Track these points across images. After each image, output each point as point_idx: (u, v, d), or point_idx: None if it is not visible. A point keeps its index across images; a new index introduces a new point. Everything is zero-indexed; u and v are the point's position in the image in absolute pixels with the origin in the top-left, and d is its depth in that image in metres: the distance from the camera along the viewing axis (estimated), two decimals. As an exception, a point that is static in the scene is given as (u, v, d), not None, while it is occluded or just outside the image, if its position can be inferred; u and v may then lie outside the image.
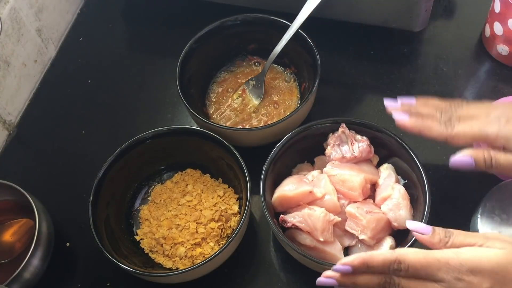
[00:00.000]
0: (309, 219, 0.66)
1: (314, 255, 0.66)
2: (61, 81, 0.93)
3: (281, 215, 0.69)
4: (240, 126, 0.82)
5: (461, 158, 0.63)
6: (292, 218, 0.68)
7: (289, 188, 0.69)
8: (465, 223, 0.73)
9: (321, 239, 0.66)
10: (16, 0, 0.84)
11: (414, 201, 0.69)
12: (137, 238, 0.74)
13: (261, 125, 0.80)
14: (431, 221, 0.73)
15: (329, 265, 0.63)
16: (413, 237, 0.63)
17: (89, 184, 0.71)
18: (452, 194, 0.76)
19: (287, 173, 0.75)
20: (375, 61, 0.90)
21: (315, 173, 0.72)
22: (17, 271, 0.65)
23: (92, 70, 0.94)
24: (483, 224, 0.69)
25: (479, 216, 0.70)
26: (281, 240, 0.66)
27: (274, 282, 0.72)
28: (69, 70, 0.95)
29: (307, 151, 0.75)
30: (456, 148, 0.80)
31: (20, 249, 0.72)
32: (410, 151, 0.69)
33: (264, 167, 0.69)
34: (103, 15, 1.01)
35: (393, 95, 0.86)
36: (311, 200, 0.69)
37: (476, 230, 0.69)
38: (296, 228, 0.68)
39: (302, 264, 0.68)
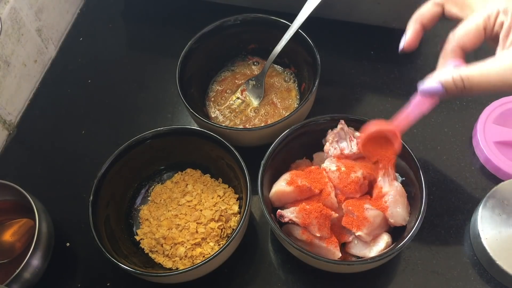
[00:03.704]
0: (306, 214, 0.66)
1: (310, 250, 0.66)
2: (61, 81, 0.94)
3: (278, 210, 0.69)
4: (240, 126, 0.82)
5: (430, 86, 0.57)
6: (289, 213, 0.68)
7: (286, 183, 0.69)
8: (465, 223, 0.74)
9: (318, 235, 0.66)
10: (16, 0, 0.84)
11: (411, 199, 0.69)
12: (137, 238, 0.74)
13: (261, 125, 0.80)
14: (431, 221, 0.74)
15: (325, 260, 0.63)
16: (409, 234, 0.63)
17: (89, 184, 0.71)
18: (452, 194, 0.76)
19: (286, 169, 0.75)
20: (375, 61, 0.90)
21: (313, 169, 0.72)
22: (17, 271, 0.65)
23: (92, 70, 0.94)
24: (483, 224, 0.69)
25: (479, 216, 0.70)
26: (278, 235, 0.66)
27: (274, 282, 0.72)
28: (69, 70, 0.95)
29: (305, 147, 0.76)
30: (455, 147, 0.81)
31: (20, 249, 0.72)
32: (408, 149, 0.69)
33: (263, 162, 0.70)
34: (103, 15, 1.01)
35: (393, 95, 0.86)
36: (308, 196, 0.69)
37: (476, 230, 0.70)
38: (293, 223, 0.68)
39: (302, 264, 0.68)
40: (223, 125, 0.80)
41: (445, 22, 0.94)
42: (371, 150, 0.68)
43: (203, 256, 0.71)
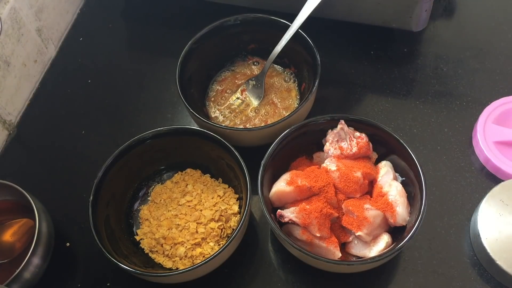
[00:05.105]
0: (306, 214, 0.66)
1: (310, 250, 0.66)
2: (61, 81, 0.94)
3: (278, 210, 0.69)
4: (241, 126, 0.82)
5: None
6: (289, 213, 0.68)
7: (286, 183, 0.69)
8: (465, 223, 0.74)
9: (318, 235, 0.66)
10: (16, 0, 0.84)
11: (411, 199, 0.69)
12: (137, 238, 0.74)
13: (261, 125, 0.80)
14: (431, 221, 0.74)
15: (325, 260, 0.63)
16: (409, 234, 0.63)
17: (89, 184, 0.71)
18: (452, 194, 0.76)
19: (286, 169, 0.75)
20: (375, 61, 0.90)
21: (313, 169, 0.72)
22: (17, 271, 0.65)
23: (92, 70, 0.94)
24: (483, 224, 0.69)
25: (479, 216, 0.70)
26: (278, 235, 0.66)
27: (274, 282, 0.72)
28: (69, 70, 0.95)
29: (306, 147, 0.76)
30: (455, 147, 0.81)
31: (20, 249, 0.72)
32: (408, 149, 0.69)
33: (263, 162, 0.70)
34: (103, 15, 1.01)
35: (393, 95, 0.86)
36: (308, 196, 0.69)
37: (476, 230, 0.70)
38: (293, 223, 0.68)
39: (302, 264, 0.68)
40: (223, 125, 0.80)
41: (444, 22, 0.94)
42: None
43: (203, 256, 0.71)
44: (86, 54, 0.96)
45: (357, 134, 0.72)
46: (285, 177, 0.71)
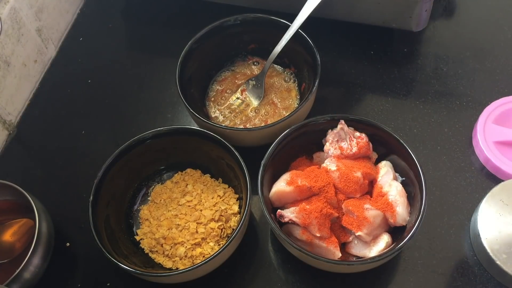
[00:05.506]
0: (306, 214, 0.66)
1: (310, 250, 0.66)
2: (61, 81, 0.94)
3: (278, 210, 0.69)
4: (241, 126, 0.82)
5: None
6: (289, 213, 0.68)
7: (286, 183, 0.69)
8: (465, 223, 0.74)
9: (318, 235, 0.66)
10: (16, 0, 0.84)
11: (411, 199, 0.69)
12: (137, 238, 0.74)
13: (261, 125, 0.80)
14: (431, 221, 0.74)
15: (325, 260, 0.63)
16: (409, 234, 0.63)
17: (89, 184, 0.71)
18: (452, 194, 0.76)
19: (286, 169, 0.75)
20: (375, 61, 0.90)
21: (313, 169, 0.72)
22: (17, 271, 0.65)
23: (92, 70, 0.94)
24: (483, 224, 0.69)
25: (479, 216, 0.70)
26: (278, 235, 0.66)
27: (274, 282, 0.72)
28: (69, 70, 0.95)
29: (306, 147, 0.76)
30: (455, 147, 0.81)
31: (20, 249, 0.72)
32: (408, 149, 0.69)
33: (263, 162, 0.70)
34: (103, 15, 1.01)
35: (393, 95, 0.86)
36: (308, 196, 0.69)
37: (476, 230, 0.70)
38: (293, 223, 0.68)
39: (302, 264, 0.68)
40: (223, 125, 0.80)
41: (444, 22, 0.94)
42: None
43: (203, 256, 0.71)
44: (86, 54, 0.96)
45: (357, 134, 0.72)
46: (285, 177, 0.71)
